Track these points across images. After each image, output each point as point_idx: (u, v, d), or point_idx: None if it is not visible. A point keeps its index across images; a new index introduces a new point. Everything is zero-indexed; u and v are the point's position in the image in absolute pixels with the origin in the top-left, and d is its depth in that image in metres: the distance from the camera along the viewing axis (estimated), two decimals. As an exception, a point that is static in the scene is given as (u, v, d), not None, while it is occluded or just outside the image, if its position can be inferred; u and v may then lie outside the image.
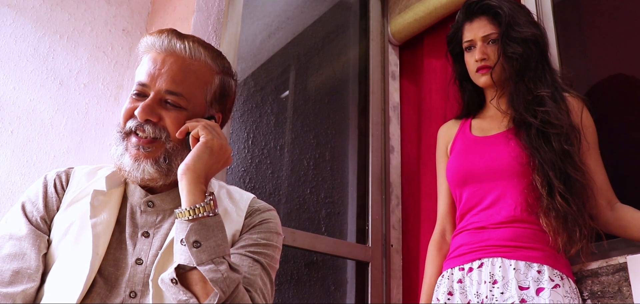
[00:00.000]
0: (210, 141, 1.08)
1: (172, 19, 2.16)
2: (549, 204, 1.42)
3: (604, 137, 1.70)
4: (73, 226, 1.08)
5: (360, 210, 2.29)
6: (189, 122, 1.11)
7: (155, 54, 1.16)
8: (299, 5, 2.45)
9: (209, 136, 1.09)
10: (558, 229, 1.40)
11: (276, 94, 2.28)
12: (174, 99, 1.14)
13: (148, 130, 1.11)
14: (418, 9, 2.38)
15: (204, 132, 1.09)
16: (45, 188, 1.15)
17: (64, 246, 1.07)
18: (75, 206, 1.11)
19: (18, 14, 1.99)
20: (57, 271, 1.04)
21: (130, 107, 1.14)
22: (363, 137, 2.39)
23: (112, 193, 1.13)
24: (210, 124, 1.12)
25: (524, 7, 1.68)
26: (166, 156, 1.12)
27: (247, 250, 1.11)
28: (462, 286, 1.51)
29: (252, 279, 1.06)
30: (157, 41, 1.17)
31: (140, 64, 1.20)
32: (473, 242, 1.53)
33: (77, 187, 1.15)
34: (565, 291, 1.40)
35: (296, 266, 2.11)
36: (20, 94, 1.92)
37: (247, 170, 2.07)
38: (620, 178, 1.64)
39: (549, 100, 1.53)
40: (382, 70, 2.51)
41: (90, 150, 2.00)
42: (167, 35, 1.17)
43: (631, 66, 1.77)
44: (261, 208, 1.22)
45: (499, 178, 1.54)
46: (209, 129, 1.10)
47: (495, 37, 1.61)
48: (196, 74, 1.17)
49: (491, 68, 1.62)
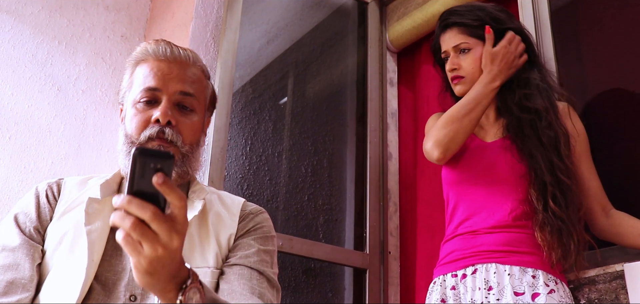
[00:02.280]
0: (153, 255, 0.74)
1: (171, 25, 2.17)
2: (544, 219, 1.43)
3: (601, 143, 1.70)
4: (67, 234, 1.08)
5: (358, 217, 2.29)
6: (115, 218, 0.73)
7: (157, 61, 1.16)
8: (298, 12, 2.46)
9: (148, 253, 0.74)
10: (553, 244, 1.41)
11: (274, 101, 2.29)
12: (190, 101, 1.15)
13: (168, 133, 1.11)
14: (416, 17, 2.39)
15: (136, 253, 0.74)
16: (38, 199, 1.14)
17: (58, 255, 1.06)
18: (68, 215, 1.11)
19: (17, 20, 1.99)
20: (52, 280, 1.04)
21: (145, 117, 1.12)
22: (361, 144, 2.39)
23: (106, 201, 1.12)
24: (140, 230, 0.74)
25: (504, 10, 1.68)
26: (183, 160, 1.13)
27: (251, 262, 1.11)
28: (455, 293, 1.50)
29: (262, 292, 1.07)
30: (157, 49, 1.17)
31: (134, 74, 1.19)
32: (466, 248, 1.52)
33: (69, 197, 1.15)
34: (560, 296, 1.40)
35: (294, 273, 2.11)
36: (18, 100, 1.92)
37: (244, 177, 2.07)
38: (618, 185, 1.64)
39: (537, 96, 1.55)
40: (380, 77, 2.51)
41: (89, 156, 2.00)
42: (165, 44, 1.18)
43: (628, 73, 1.77)
44: (254, 211, 1.22)
45: (494, 184, 1.54)
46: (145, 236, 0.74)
47: (467, 47, 1.63)
48: (199, 79, 1.20)
49: (463, 78, 1.63)
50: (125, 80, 1.22)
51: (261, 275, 1.10)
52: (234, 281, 1.06)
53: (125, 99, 1.20)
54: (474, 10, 1.64)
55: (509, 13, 1.67)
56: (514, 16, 1.69)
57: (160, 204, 0.73)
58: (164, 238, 0.72)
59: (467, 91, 1.63)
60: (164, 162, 0.72)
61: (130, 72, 1.20)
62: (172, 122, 1.11)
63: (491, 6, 1.66)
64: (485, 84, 1.56)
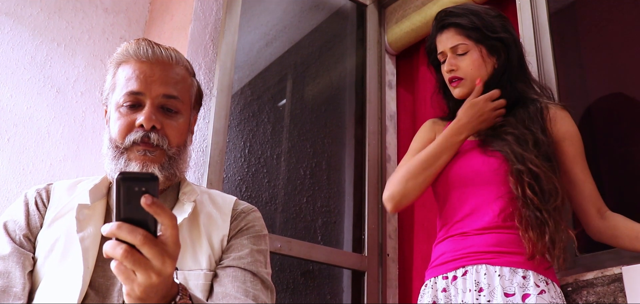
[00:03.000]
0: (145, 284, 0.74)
1: (170, 27, 2.17)
2: (521, 214, 1.43)
3: (600, 146, 1.70)
4: (59, 242, 1.07)
5: (357, 219, 2.29)
6: (107, 248, 0.72)
7: (139, 63, 1.13)
8: (296, 15, 2.46)
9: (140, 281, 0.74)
10: (528, 238, 1.41)
11: (273, 103, 2.29)
12: (173, 103, 1.13)
13: (153, 137, 1.09)
14: (415, 19, 2.39)
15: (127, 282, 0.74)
16: (27, 206, 1.12)
17: (51, 262, 1.05)
18: (59, 222, 1.10)
19: (15, 22, 1.99)
20: (47, 287, 1.03)
21: (128, 121, 1.10)
22: (359, 147, 2.39)
23: (95, 206, 1.11)
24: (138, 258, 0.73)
25: (499, 15, 1.68)
26: (170, 163, 1.12)
27: (244, 263, 1.10)
28: (446, 295, 1.50)
29: (256, 294, 1.07)
30: (139, 50, 1.14)
31: (116, 75, 1.16)
32: (456, 249, 1.52)
33: (58, 203, 1.13)
34: (551, 296, 1.40)
35: (292, 275, 2.11)
36: (17, 102, 1.92)
37: (243, 179, 2.07)
38: (617, 188, 1.64)
39: (511, 107, 1.56)
40: (378, 79, 2.52)
41: (87, 158, 2.00)
42: (147, 44, 1.15)
43: (627, 75, 1.78)
44: (245, 210, 1.20)
45: (480, 184, 1.54)
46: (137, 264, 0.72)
47: (465, 49, 1.62)
48: (183, 78, 1.18)
49: (462, 79, 1.62)
50: (108, 81, 1.18)
51: (255, 276, 1.09)
52: (227, 284, 1.06)
53: (108, 100, 1.18)
54: (470, 14, 1.63)
55: (503, 18, 1.66)
56: (509, 21, 1.68)
57: (151, 228, 0.72)
58: (157, 264, 0.71)
59: (466, 93, 1.63)
60: (148, 185, 0.71)
61: (112, 73, 1.18)
62: (156, 126, 1.10)
63: (486, 10, 1.65)
64: (449, 136, 1.58)
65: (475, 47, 1.61)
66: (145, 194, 0.70)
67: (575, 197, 1.54)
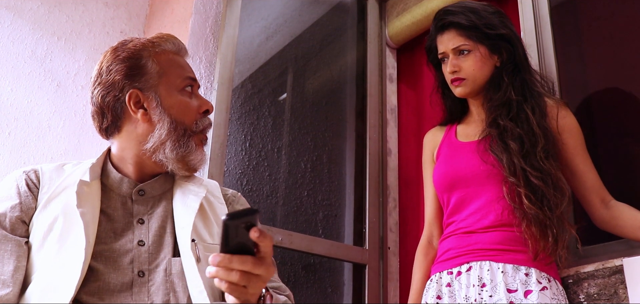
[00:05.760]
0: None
1: (170, 21, 2.17)
2: (521, 212, 1.45)
3: (601, 139, 1.70)
4: (58, 220, 1.06)
5: (358, 213, 2.29)
6: (219, 275, 0.86)
7: (179, 56, 1.25)
8: (297, 8, 2.46)
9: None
10: (531, 236, 1.43)
11: (274, 97, 2.29)
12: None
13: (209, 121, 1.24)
14: (416, 12, 2.39)
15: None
16: (18, 188, 1.11)
17: (51, 241, 1.05)
18: (55, 201, 1.10)
19: (16, 15, 1.99)
20: (49, 265, 1.03)
21: (195, 104, 1.20)
22: (360, 140, 2.39)
23: (92, 185, 1.13)
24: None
25: (497, 11, 1.67)
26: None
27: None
28: (451, 289, 1.53)
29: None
30: (178, 44, 1.25)
31: (161, 62, 1.19)
32: (461, 246, 1.54)
33: (50, 183, 1.13)
34: (553, 293, 1.42)
35: (293, 268, 2.11)
36: (17, 96, 1.92)
37: (244, 172, 2.07)
38: (619, 181, 1.64)
39: (514, 106, 1.55)
40: (379, 73, 2.51)
41: (88, 152, 2.00)
42: (176, 39, 1.26)
43: (628, 69, 1.77)
44: (233, 196, 1.31)
45: (483, 183, 1.55)
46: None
47: (466, 48, 1.62)
48: None
49: (464, 79, 1.62)
50: (150, 67, 1.17)
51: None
52: None
53: (150, 86, 1.16)
54: (468, 12, 1.63)
55: (501, 14, 1.66)
56: (507, 17, 1.68)
57: (252, 251, 0.84)
58: (265, 275, 0.87)
59: (468, 93, 1.64)
60: (252, 218, 0.82)
61: (154, 61, 1.18)
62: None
63: (484, 7, 1.65)
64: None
65: (477, 47, 1.62)
66: (253, 228, 0.81)
67: (578, 188, 1.55)
